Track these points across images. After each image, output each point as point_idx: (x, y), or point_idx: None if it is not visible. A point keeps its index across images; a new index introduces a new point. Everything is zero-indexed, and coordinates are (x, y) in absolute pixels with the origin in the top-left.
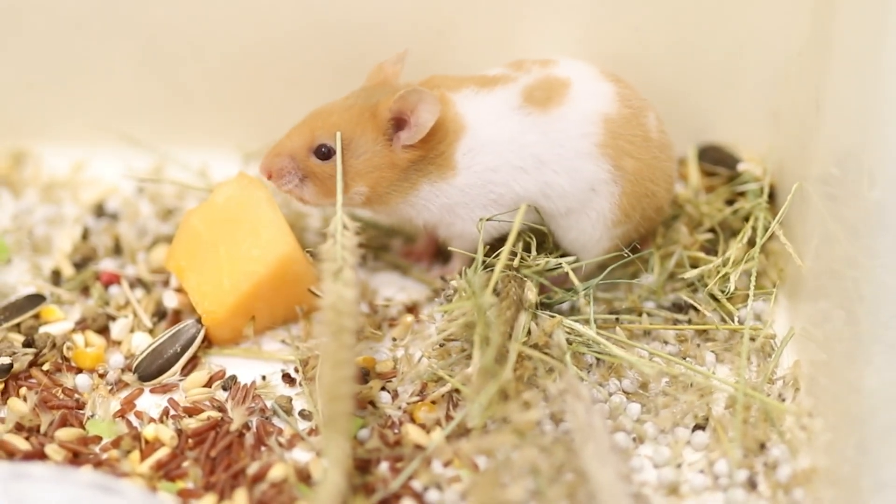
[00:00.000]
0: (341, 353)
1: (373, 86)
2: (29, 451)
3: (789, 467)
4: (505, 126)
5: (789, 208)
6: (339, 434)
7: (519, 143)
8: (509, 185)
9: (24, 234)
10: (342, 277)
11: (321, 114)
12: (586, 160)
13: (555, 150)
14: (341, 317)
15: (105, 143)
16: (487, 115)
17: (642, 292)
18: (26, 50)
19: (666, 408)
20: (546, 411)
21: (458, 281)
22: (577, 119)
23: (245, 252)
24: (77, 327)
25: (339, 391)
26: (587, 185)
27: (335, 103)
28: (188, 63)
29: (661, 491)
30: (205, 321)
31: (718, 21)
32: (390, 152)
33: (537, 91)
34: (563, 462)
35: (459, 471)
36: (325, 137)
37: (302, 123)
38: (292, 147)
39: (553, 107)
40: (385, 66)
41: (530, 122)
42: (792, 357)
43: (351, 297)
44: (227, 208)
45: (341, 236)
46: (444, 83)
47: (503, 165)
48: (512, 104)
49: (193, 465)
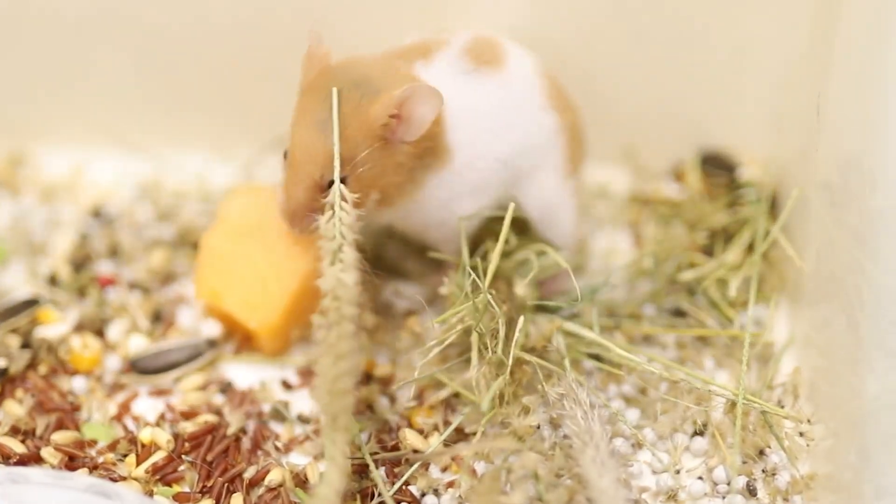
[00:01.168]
0: (341, 345)
1: (330, 83)
2: (24, 454)
3: (788, 474)
4: (469, 92)
5: (790, 214)
6: (339, 432)
7: (486, 108)
8: (491, 155)
9: (22, 237)
10: (341, 258)
11: (310, 148)
12: (542, 113)
13: (519, 105)
14: (340, 304)
15: (103, 145)
16: (447, 85)
17: (642, 297)
18: (25, 51)
19: (665, 413)
20: (545, 416)
21: (448, 286)
22: (525, 74)
23: (285, 252)
24: (74, 330)
25: (339, 386)
26: (546, 138)
27: (310, 128)
28: (187, 66)
29: (659, 497)
30: (260, 332)
31: (719, 26)
32: (393, 153)
33: (478, 52)
34: (561, 467)
35: (457, 476)
36: (329, 174)
37: (297, 168)
38: (305, 196)
39: (500, 65)
40: (315, 54)
41: (487, 83)
42: (792, 363)
43: (351, 282)
44: (245, 220)
45: (339, 209)
46: (384, 58)
47: (479, 134)
48: (462, 68)
49: (190, 470)
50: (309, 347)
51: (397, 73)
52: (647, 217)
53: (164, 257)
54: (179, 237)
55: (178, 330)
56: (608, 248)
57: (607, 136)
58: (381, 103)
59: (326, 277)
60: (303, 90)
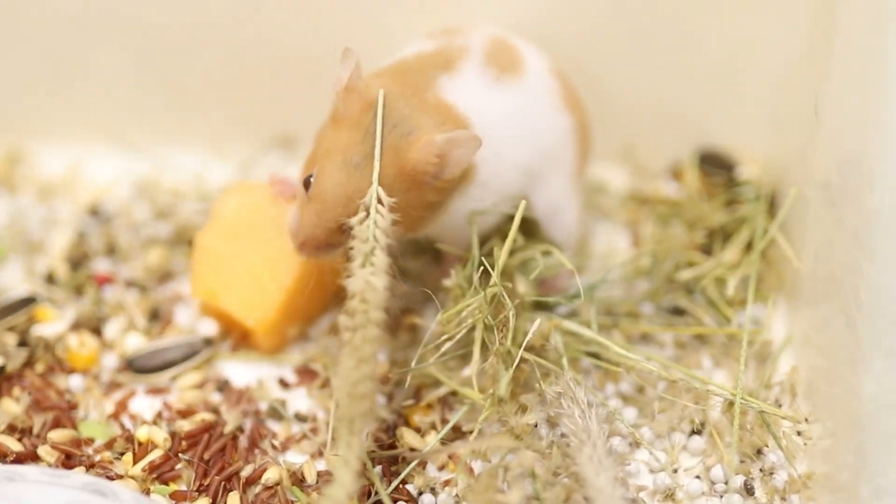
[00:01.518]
0: (365, 349)
1: (370, 123)
2: (21, 452)
3: (786, 473)
4: (494, 104)
5: (788, 213)
6: (353, 435)
7: (513, 116)
8: (515, 163)
9: (19, 235)
10: (372, 261)
11: (340, 190)
12: (558, 113)
13: (539, 110)
14: (368, 307)
15: (101, 143)
16: (476, 100)
17: (640, 295)
18: (23, 49)
19: (662, 412)
20: (542, 415)
21: (452, 280)
22: (542, 76)
23: (280, 249)
24: (71, 328)
25: (359, 390)
26: (561, 139)
27: (343, 168)
28: (186, 64)
29: (657, 496)
30: (258, 330)
31: (719, 25)
32: (424, 192)
33: (499, 57)
34: (559, 466)
35: (454, 474)
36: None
37: (322, 205)
38: (324, 235)
39: (521, 68)
40: (354, 87)
41: (513, 90)
42: (790, 362)
43: (380, 286)
44: (239, 217)
45: (375, 213)
46: (412, 83)
47: (505, 144)
48: (489, 77)
49: (186, 468)
50: (306, 345)
51: (431, 109)
52: (646, 216)
53: (162, 256)
54: (176, 235)
55: (176, 328)
56: (607, 248)
57: (606, 134)
58: (420, 149)
59: (356, 279)
60: (336, 122)
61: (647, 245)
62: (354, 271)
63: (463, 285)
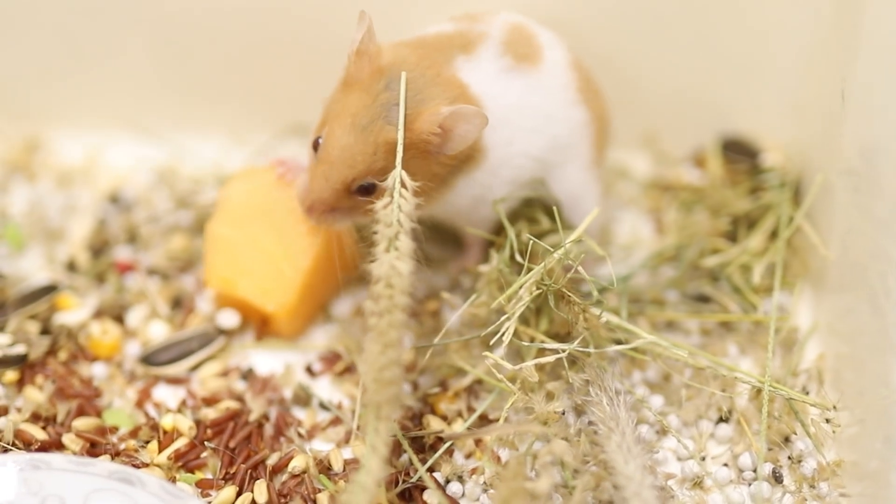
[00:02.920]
0: (391, 334)
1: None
2: (46, 440)
3: (815, 461)
4: (508, 91)
5: (814, 200)
6: (382, 421)
7: (527, 106)
8: (527, 153)
9: (39, 222)
10: (397, 246)
11: (348, 150)
12: (573, 106)
13: (554, 102)
14: (393, 292)
15: (119, 130)
16: (491, 85)
17: (664, 282)
18: (41, 36)
19: (689, 400)
20: (569, 402)
21: (488, 266)
22: (559, 69)
23: (294, 232)
24: (93, 316)
25: (386, 375)
26: (576, 132)
27: (351, 130)
28: (204, 51)
29: (685, 484)
30: (278, 315)
31: (741, 10)
32: (430, 164)
33: (517, 47)
34: (587, 454)
35: (480, 462)
36: (365, 178)
37: (330, 166)
38: (331, 196)
39: (539, 60)
40: (365, 51)
41: (528, 81)
42: (816, 350)
43: (405, 271)
44: (249, 203)
45: (399, 196)
46: (429, 57)
47: (517, 132)
48: (505, 65)
49: (212, 456)
50: (326, 327)
51: (445, 84)
52: (668, 203)
53: (183, 244)
54: (197, 223)
55: (199, 316)
56: (630, 234)
57: (627, 120)
58: (425, 119)
59: (381, 263)
60: (347, 85)
61: (671, 232)
62: (379, 255)
63: (503, 268)
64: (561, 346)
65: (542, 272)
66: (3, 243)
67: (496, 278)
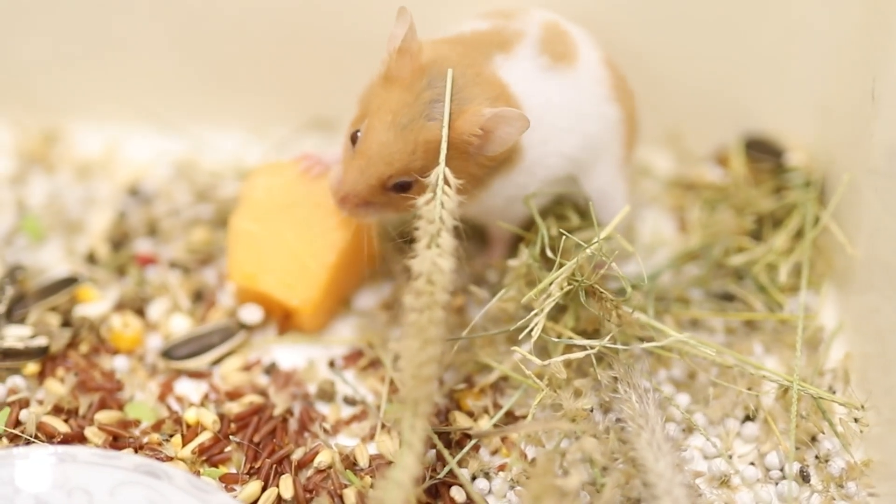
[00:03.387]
0: (431, 330)
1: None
2: (68, 433)
3: (842, 460)
4: (545, 91)
5: (839, 199)
6: (419, 418)
7: (563, 105)
8: (560, 152)
9: (58, 214)
10: (438, 243)
11: (387, 147)
12: (606, 104)
13: (588, 101)
14: (434, 288)
15: (137, 122)
16: (528, 84)
17: (689, 281)
18: (60, 26)
19: (716, 399)
20: (596, 399)
21: (517, 261)
22: (593, 67)
23: (319, 226)
24: (114, 309)
25: (424, 372)
26: (609, 130)
27: (391, 127)
28: (224, 44)
29: (713, 482)
30: (302, 310)
31: (766, 8)
32: (468, 165)
33: (554, 45)
34: (616, 451)
35: (507, 459)
36: (402, 176)
37: (367, 161)
38: (366, 191)
39: (574, 59)
40: (407, 49)
41: (564, 80)
42: (841, 349)
43: (447, 268)
44: (272, 198)
45: (441, 193)
46: (469, 55)
47: (552, 132)
48: (542, 64)
49: (236, 451)
50: (347, 320)
51: (485, 83)
52: (692, 202)
53: (204, 237)
54: (218, 216)
55: (220, 310)
56: (653, 233)
57: (650, 118)
58: (467, 119)
59: (422, 260)
60: (387, 81)
61: (695, 230)
62: (420, 252)
63: (532, 263)
64: (590, 343)
65: (574, 268)
66: (22, 235)
67: (525, 273)
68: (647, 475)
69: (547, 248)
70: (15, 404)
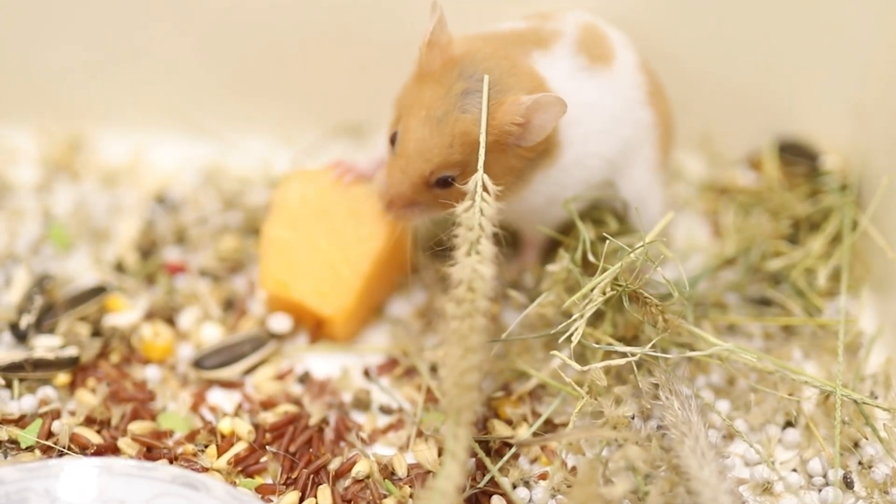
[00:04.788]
0: (472, 338)
1: (454, 77)
2: (101, 444)
3: (886, 466)
4: (584, 90)
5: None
6: (462, 427)
7: (600, 106)
8: (599, 153)
9: (84, 223)
10: (478, 250)
11: (425, 143)
12: (642, 108)
13: (625, 104)
14: (475, 296)
15: (163, 129)
16: (566, 82)
17: (725, 285)
18: (84, 32)
19: (756, 405)
20: (636, 407)
21: (557, 266)
22: (629, 70)
23: (353, 234)
24: (144, 318)
25: (466, 380)
26: (644, 133)
27: (427, 123)
28: (249, 48)
29: (755, 490)
30: (336, 319)
31: (800, 9)
32: (508, 157)
33: (591, 47)
34: (658, 459)
35: (547, 468)
36: (443, 171)
37: (407, 160)
38: (410, 189)
39: (611, 61)
40: (437, 42)
41: (601, 81)
42: (882, 354)
43: (488, 275)
44: (306, 205)
45: (480, 200)
46: (504, 49)
47: (590, 132)
48: (580, 64)
49: (272, 461)
50: (379, 329)
51: (522, 74)
52: (725, 206)
53: (233, 244)
54: (247, 224)
55: (251, 318)
56: (686, 237)
57: (683, 121)
58: (506, 110)
59: (462, 267)
60: (419, 78)
61: (730, 234)
62: (460, 259)
63: (573, 268)
64: (632, 350)
65: (619, 272)
66: (49, 244)
67: (564, 279)
68: (691, 483)
69: (589, 253)
70: (47, 415)
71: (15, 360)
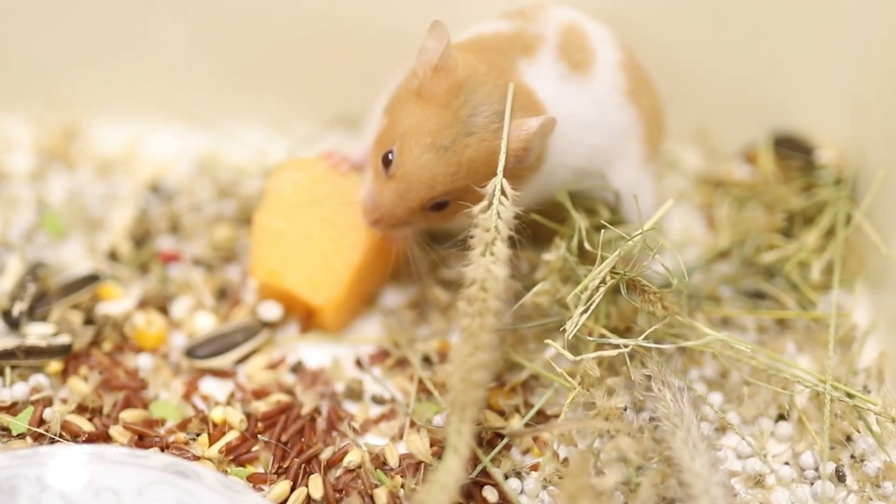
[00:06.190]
0: (482, 336)
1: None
2: (93, 432)
3: (878, 460)
4: (564, 100)
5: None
6: (465, 423)
7: (575, 116)
8: (565, 163)
9: (79, 211)
10: (493, 251)
11: (428, 171)
12: (619, 111)
13: (598, 111)
14: (488, 296)
15: (158, 118)
16: (551, 90)
17: (719, 278)
18: (80, 21)
19: (749, 398)
20: (628, 398)
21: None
22: (607, 73)
23: (345, 225)
24: (137, 306)
25: (474, 377)
26: (622, 134)
27: (431, 149)
28: (244, 38)
29: (747, 483)
30: (326, 308)
31: (797, 4)
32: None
33: (572, 52)
34: (650, 450)
35: (538, 459)
36: (444, 197)
37: (407, 185)
38: (405, 214)
39: (590, 67)
40: (444, 67)
41: (578, 90)
42: (875, 348)
43: (501, 275)
44: (298, 194)
45: (498, 203)
46: (498, 65)
47: (566, 144)
48: (560, 72)
49: (264, 450)
50: (370, 320)
51: (518, 93)
52: (720, 199)
53: (227, 234)
54: (241, 213)
55: (245, 308)
56: (681, 230)
57: (678, 115)
58: (515, 137)
59: (476, 267)
60: (421, 99)
61: (724, 228)
62: (474, 259)
63: (569, 257)
64: (625, 342)
65: (616, 261)
66: (43, 232)
67: (560, 268)
68: (683, 474)
69: (585, 242)
70: (38, 403)
71: (7, 347)
